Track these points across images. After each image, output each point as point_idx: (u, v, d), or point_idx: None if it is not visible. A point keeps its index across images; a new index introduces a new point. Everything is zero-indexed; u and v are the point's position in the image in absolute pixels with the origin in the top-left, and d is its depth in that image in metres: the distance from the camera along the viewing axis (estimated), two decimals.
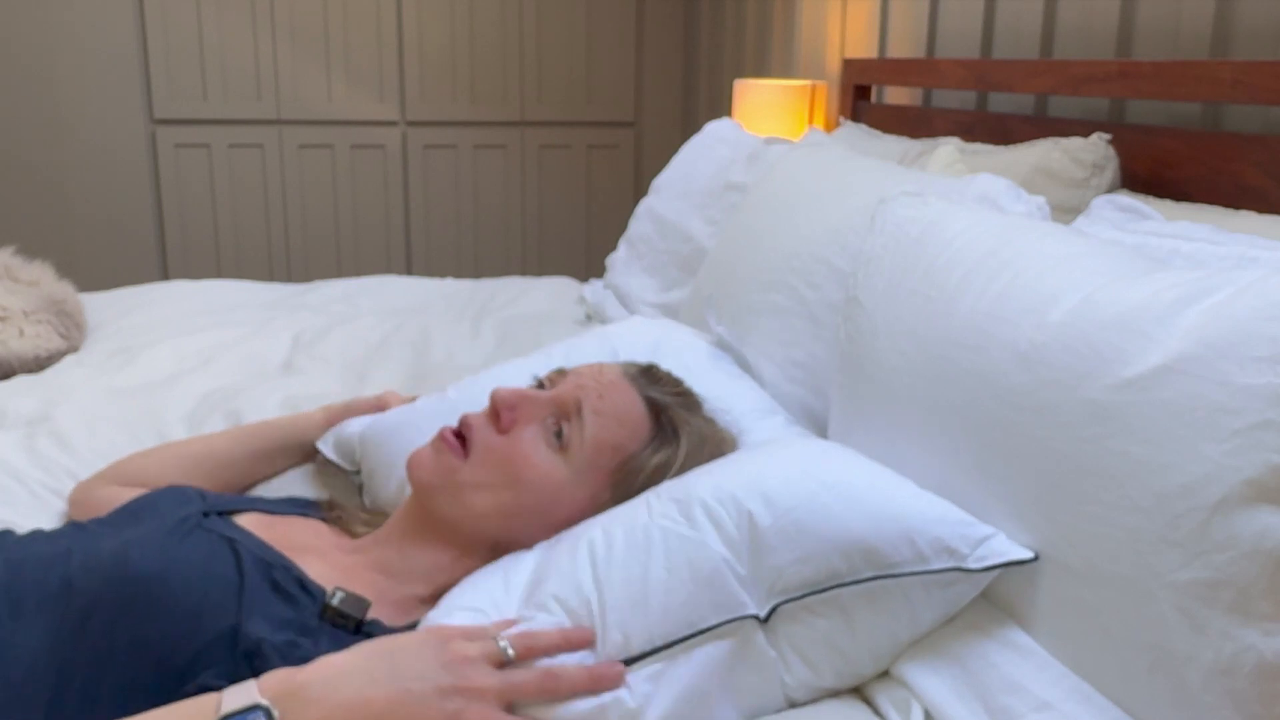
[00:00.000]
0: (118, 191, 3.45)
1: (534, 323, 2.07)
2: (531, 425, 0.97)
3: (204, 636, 0.82)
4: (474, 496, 0.95)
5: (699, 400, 1.08)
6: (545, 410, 0.98)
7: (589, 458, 0.96)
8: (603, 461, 0.97)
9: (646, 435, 0.99)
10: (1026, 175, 1.47)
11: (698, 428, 1.03)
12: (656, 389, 1.03)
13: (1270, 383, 0.69)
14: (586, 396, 0.98)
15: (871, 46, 2.49)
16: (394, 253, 3.71)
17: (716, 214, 1.96)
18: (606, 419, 0.98)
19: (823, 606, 0.84)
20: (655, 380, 1.04)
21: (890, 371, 1.02)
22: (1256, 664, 0.68)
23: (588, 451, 0.96)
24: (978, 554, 0.84)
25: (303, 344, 1.86)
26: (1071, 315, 0.85)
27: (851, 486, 0.88)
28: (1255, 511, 0.68)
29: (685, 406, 1.04)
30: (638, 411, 1.00)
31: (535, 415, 0.98)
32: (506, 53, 3.65)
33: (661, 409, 1.01)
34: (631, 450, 0.98)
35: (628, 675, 0.81)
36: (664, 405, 1.01)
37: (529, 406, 0.98)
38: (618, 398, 0.99)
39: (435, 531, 0.97)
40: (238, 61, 3.44)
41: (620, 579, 0.84)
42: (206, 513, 0.98)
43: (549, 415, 0.98)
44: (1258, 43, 1.39)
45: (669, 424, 1.00)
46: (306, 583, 0.90)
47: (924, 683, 0.84)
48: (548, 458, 0.96)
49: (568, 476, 0.96)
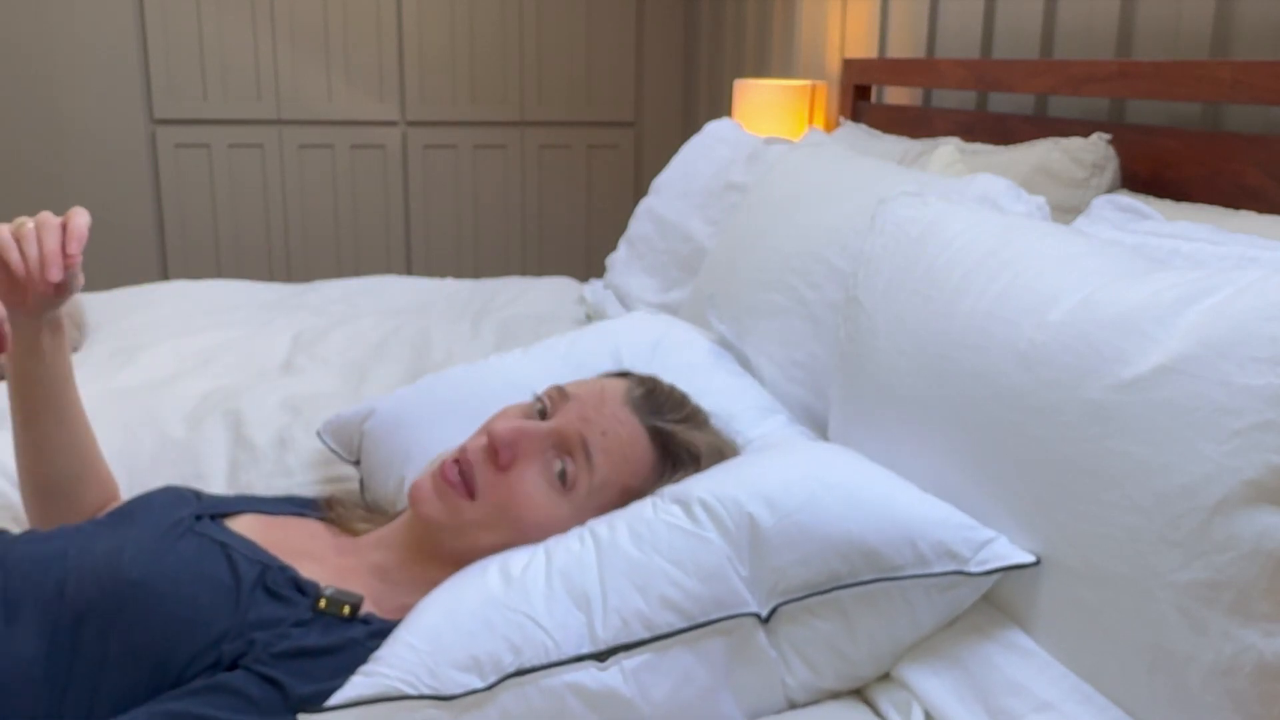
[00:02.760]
0: (118, 191, 3.45)
1: (534, 323, 2.07)
2: (533, 463, 0.95)
3: (197, 643, 0.82)
4: (479, 535, 0.94)
5: (705, 414, 1.06)
6: (545, 444, 0.95)
7: (593, 498, 0.95)
8: (606, 499, 0.96)
9: (650, 469, 0.97)
10: (1026, 175, 1.46)
11: (706, 443, 1.01)
12: (659, 418, 1.00)
13: (1270, 383, 0.69)
14: (590, 433, 0.95)
15: (871, 46, 2.49)
16: (394, 253, 3.71)
17: (716, 214, 1.96)
18: (613, 459, 0.95)
19: (824, 608, 0.84)
20: (658, 406, 1.01)
21: (890, 371, 1.02)
22: (1257, 664, 0.68)
23: (593, 493, 0.95)
24: (979, 558, 0.84)
25: (303, 344, 1.86)
26: (1071, 315, 0.85)
27: (853, 489, 0.88)
28: (1255, 512, 0.68)
29: (692, 426, 1.02)
30: (642, 446, 0.97)
31: (536, 452, 0.95)
32: (506, 53, 3.65)
33: (666, 439, 0.99)
34: (635, 486, 0.96)
35: (623, 663, 0.81)
36: (667, 434, 0.99)
37: (528, 443, 0.95)
38: (622, 433, 0.97)
39: (437, 554, 0.96)
40: (238, 61, 3.44)
41: (623, 566, 0.84)
42: (200, 515, 0.97)
43: (550, 450, 0.96)
44: (1258, 43, 1.39)
45: (673, 455, 0.99)
46: (301, 583, 0.90)
47: (925, 684, 0.84)
48: (550, 499, 0.94)
49: (570, 514, 0.95)
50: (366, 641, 0.86)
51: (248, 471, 1.35)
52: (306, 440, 1.39)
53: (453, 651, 0.81)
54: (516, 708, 0.80)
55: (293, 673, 0.81)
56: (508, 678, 0.80)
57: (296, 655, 0.83)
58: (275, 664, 0.82)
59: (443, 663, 0.80)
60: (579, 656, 0.81)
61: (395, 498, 1.18)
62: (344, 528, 1.07)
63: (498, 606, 0.84)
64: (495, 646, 0.81)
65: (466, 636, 0.82)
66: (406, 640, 0.83)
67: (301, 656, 0.83)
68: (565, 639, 0.81)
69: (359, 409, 1.29)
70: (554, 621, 0.82)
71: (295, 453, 1.38)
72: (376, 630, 0.88)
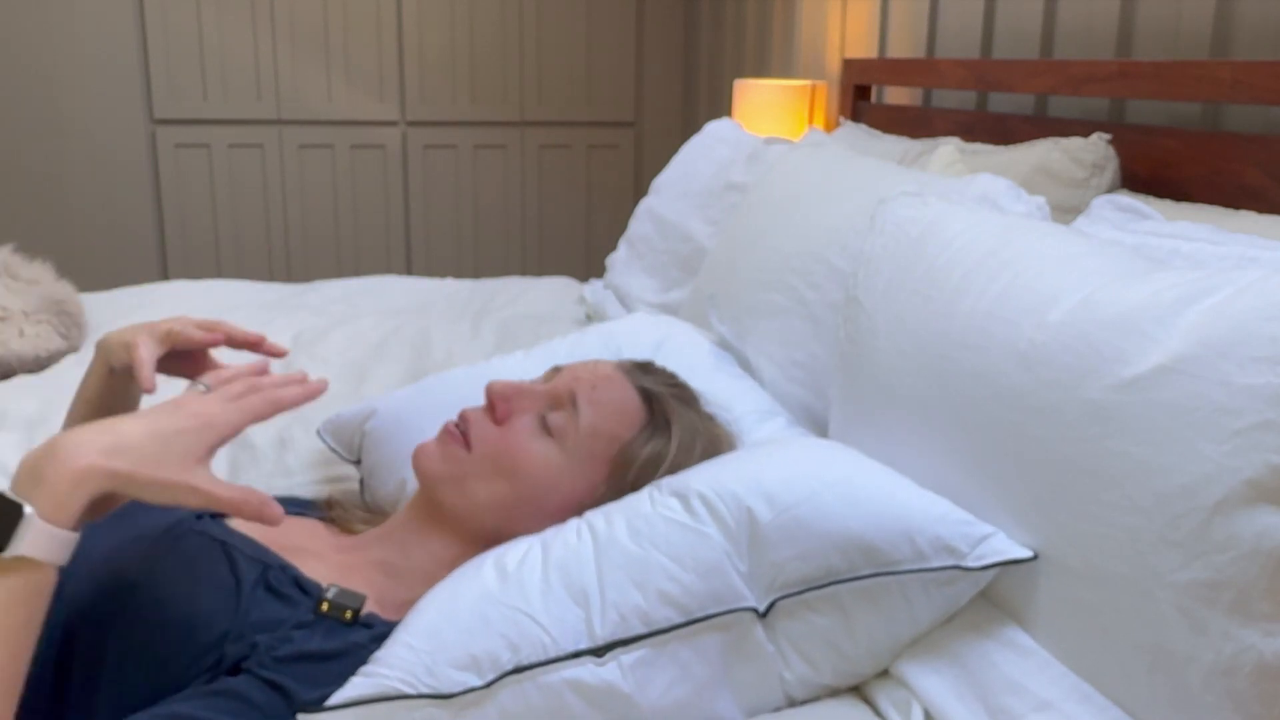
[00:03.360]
0: (118, 191, 3.45)
1: (534, 323, 2.07)
2: (526, 416, 0.99)
3: (197, 644, 0.82)
4: (476, 486, 0.97)
5: (695, 395, 1.08)
6: (540, 402, 1.00)
7: (584, 445, 0.98)
8: (598, 449, 0.98)
9: (640, 423, 1.01)
10: (1026, 175, 1.46)
11: (690, 419, 1.04)
12: (650, 379, 1.05)
13: (1270, 383, 0.69)
14: (580, 388, 1.00)
15: (871, 46, 2.49)
16: (394, 253, 3.71)
17: (716, 214, 1.96)
18: (601, 407, 0.99)
19: (822, 603, 0.84)
20: (649, 373, 1.06)
21: (890, 371, 1.02)
22: (1256, 664, 0.68)
23: (583, 439, 0.98)
24: (977, 552, 0.84)
25: (303, 344, 1.86)
26: (1071, 315, 0.85)
27: (851, 485, 0.88)
28: (1255, 512, 0.68)
29: (680, 399, 1.05)
30: (631, 401, 1.01)
31: (530, 406, 1.00)
32: (506, 53, 3.65)
33: (655, 398, 1.02)
34: (626, 438, 0.99)
35: (622, 658, 0.81)
36: (657, 395, 1.03)
37: (523, 398, 1.00)
38: (612, 388, 1.02)
39: (438, 524, 0.97)
40: (238, 61, 3.44)
41: (621, 560, 0.85)
42: (201, 514, 0.97)
43: (544, 406, 1.00)
44: (1258, 43, 1.39)
45: (662, 413, 1.02)
46: (303, 582, 0.89)
47: (924, 682, 0.84)
48: (542, 446, 0.98)
49: (563, 464, 0.97)
50: (370, 646, 0.86)
51: (248, 471, 1.35)
52: (306, 440, 1.39)
53: (451, 650, 0.81)
54: (515, 705, 0.80)
55: (298, 678, 0.81)
56: (506, 675, 0.80)
57: (300, 660, 0.82)
58: (279, 668, 0.81)
59: (441, 661, 0.80)
60: (577, 652, 0.81)
61: (395, 498, 1.18)
62: (344, 527, 1.07)
63: (494, 603, 0.84)
64: (493, 644, 0.81)
65: (464, 635, 0.82)
66: (405, 640, 0.82)
67: (305, 661, 0.83)
68: (563, 635, 0.81)
69: (360, 409, 1.29)
70: (551, 617, 0.82)
71: (295, 453, 1.38)
72: (379, 634, 0.87)
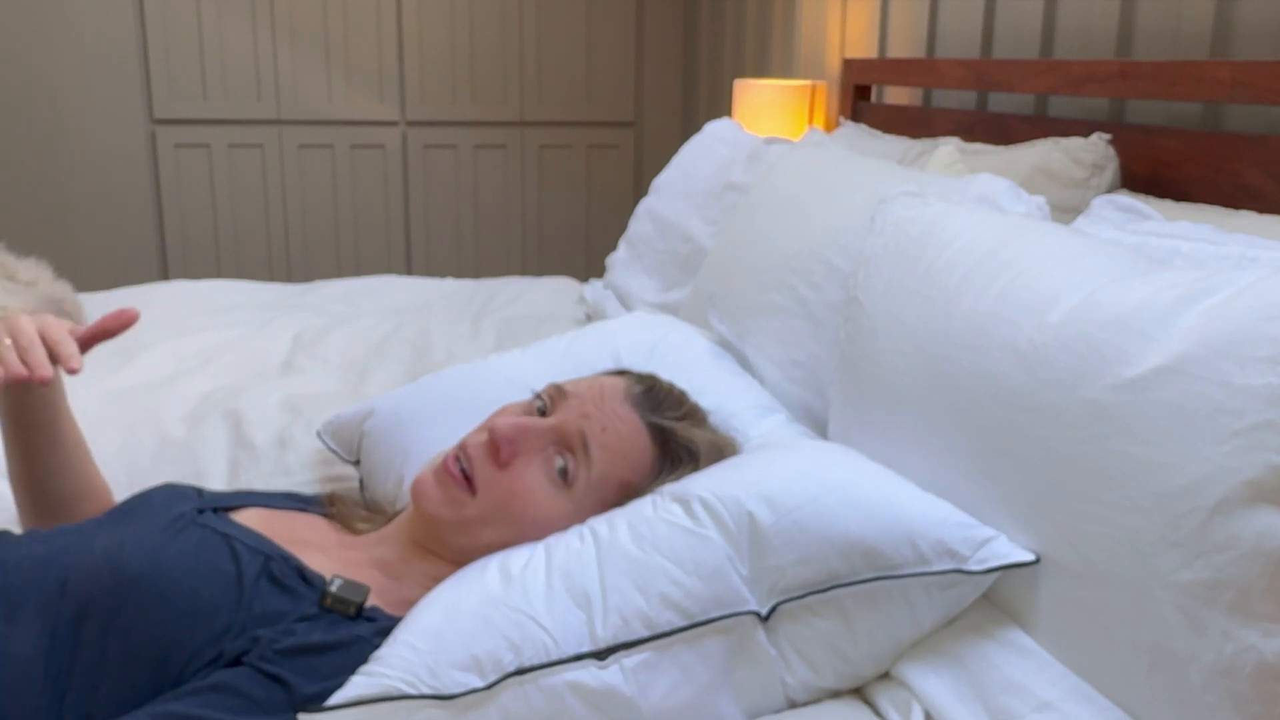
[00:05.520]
0: (117, 191, 3.45)
1: (534, 323, 2.07)
2: (533, 460, 0.95)
3: (199, 637, 0.82)
4: (481, 531, 0.94)
5: (704, 412, 1.06)
6: (546, 441, 0.95)
7: (594, 492, 0.95)
8: (607, 495, 0.95)
9: (650, 466, 0.97)
10: (1026, 175, 1.46)
11: (705, 440, 1.01)
12: (659, 414, 1.00)
13: (1270, 383, 0.69)
14: (590, 428, 0.95)
15: (871, 46, 2.49)
16: (394, 253, 3.71)
17: (716, 214, 1.96)
18: (611, 454, 0.95)
19: (823, 607, 0.84)
20: (658, 403, 1.01)
21: (890, 371, 1.02)
22: (1257, 664, 0.68)
23: (593, 486, 0.95)
24: (979, 556, 0.84)
25: (303, 344, 1.86)
26: (1071, 315, 0.85)
27: (853, 488, 0.88)
28: (1255, 512, 0.68)
29: (691, 423, 1.02)
30: (642, 442, 0.97)
31: (536, 448, 0.95)
32: (506, 53, 3.65)
33: (667, 436, 0.98)
34: (635, 482, 0.96)
35: (623, 661, 0.81)
36: (668, 430, 0.99)
37: (529, 440, 0.95)
38: (621, 429, 0.96)
39: (438, 549, 0.96)
40: (238, 61, 3.44)
41: (623, 564, 0.85)
42: (202, 509, 0.97)
43: (550, 446, 0.95)
44: (1258, 43, 1.39)
45: (675, 449, 0.98)
46: (306, 573, 0.90)
47: (924, 683, 0.84)
48: (550, 495, 0.94)
49: (570, 511, 0.94)
50: (373, 639, 0.86)
51: (248, 471, 1.36)
52: (306, 440, 1.39)
53: (453, 651, 0.81)
54: (516, 707, 0.80)
55: (298, 670, 0.81)
56: (508, 677, 0.80)
57: (302, 652, 0.83)
58: (280, 661, 0.81)
59: (443, 662, 0.80)
60: (579, 655, 0.81)
61: (395, 497, 1.18)
62: (345, 525, 1.07)
63: (497, 605, 0.84)
64: (495, 645, 0.81)
65: (466, 636, 0.82)
66: (406, 640, 0.82)
67: (307, 653, 0.83)
68: (565, 638, 0.81)
69: (359, 409, 1.29)
70: (554, 620, 0.82)
71: (295, 452, 1.38)
72: (382, 627, 0.87)
